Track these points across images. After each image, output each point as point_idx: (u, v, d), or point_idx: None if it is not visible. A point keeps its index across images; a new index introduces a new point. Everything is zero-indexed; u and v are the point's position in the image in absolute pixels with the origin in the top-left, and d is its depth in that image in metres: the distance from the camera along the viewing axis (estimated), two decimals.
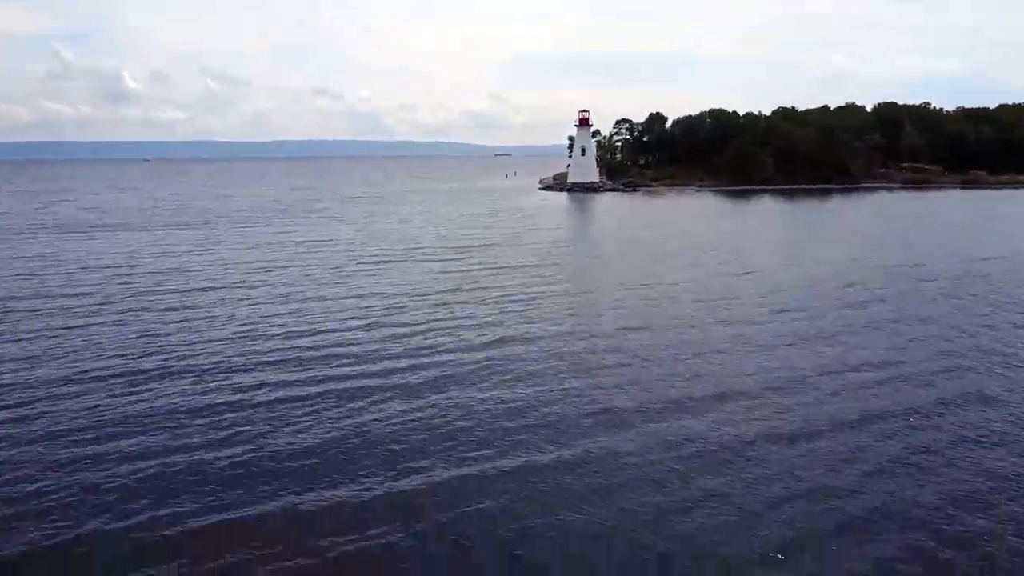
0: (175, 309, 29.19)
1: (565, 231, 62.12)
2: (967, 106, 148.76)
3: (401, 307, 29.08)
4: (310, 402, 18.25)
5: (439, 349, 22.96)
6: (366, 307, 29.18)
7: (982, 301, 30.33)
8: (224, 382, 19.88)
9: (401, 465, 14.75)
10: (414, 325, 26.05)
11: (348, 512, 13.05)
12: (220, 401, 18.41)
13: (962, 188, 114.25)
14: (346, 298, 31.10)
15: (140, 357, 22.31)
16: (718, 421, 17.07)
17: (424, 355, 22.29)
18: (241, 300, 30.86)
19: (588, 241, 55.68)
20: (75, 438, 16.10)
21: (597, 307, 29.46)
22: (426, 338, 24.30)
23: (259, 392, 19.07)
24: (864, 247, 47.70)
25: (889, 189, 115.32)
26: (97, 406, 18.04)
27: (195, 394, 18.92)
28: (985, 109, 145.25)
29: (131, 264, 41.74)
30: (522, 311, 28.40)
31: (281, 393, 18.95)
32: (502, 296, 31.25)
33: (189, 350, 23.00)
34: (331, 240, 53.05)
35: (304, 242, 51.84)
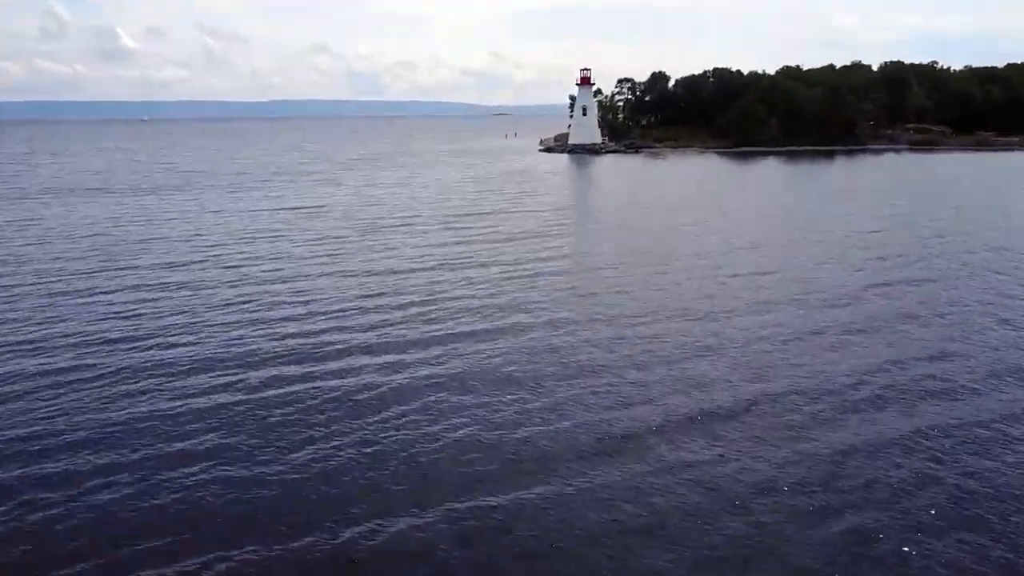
0: (150, 287, 27.25)
1: (566, 196, 59.92)
2: (975, 65, 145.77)
3: (390, 289, 26.91)
4: (278, 413, 16.07)
5: (425, 342, 20.59)
6: (355, 287, 27.13)
7: (1017, 282, 28.08)
8: (187, 382, 17.85)
9: (354, 509, 12.25)
10: (402, 310, 23.96)
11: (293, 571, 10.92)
12: (178, 410, 16.23)
13: (973, 150, 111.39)
14: (335, 275, 29.08)
15: (103, 346, 20.38)
16: (741, 440, 14.71)
17: (409, 351, 19.93)
18: (224, 277, 28.80)
19: (590, 208, 53.45)
20: (10, 452, 14.29)
21: (599, 289, 27.06)
22: (412, 327, 22.12)
23: (224, 395, 17.03)
24: (880, 216, 45.52)
25: (896, 151, 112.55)
26: (46, 411, 16.12)
27: (153, 397, 16.92)
28: (993, 68, 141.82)
29: (111, 232, 39.79)
30: (517, 294, 26.07)
31: (243, 397, 16.88)
32: (497, 275, 29.06)
33: (157, 340, 20.99)
34: (324, 207, 50.90)
35: (296, 208, 49.75)
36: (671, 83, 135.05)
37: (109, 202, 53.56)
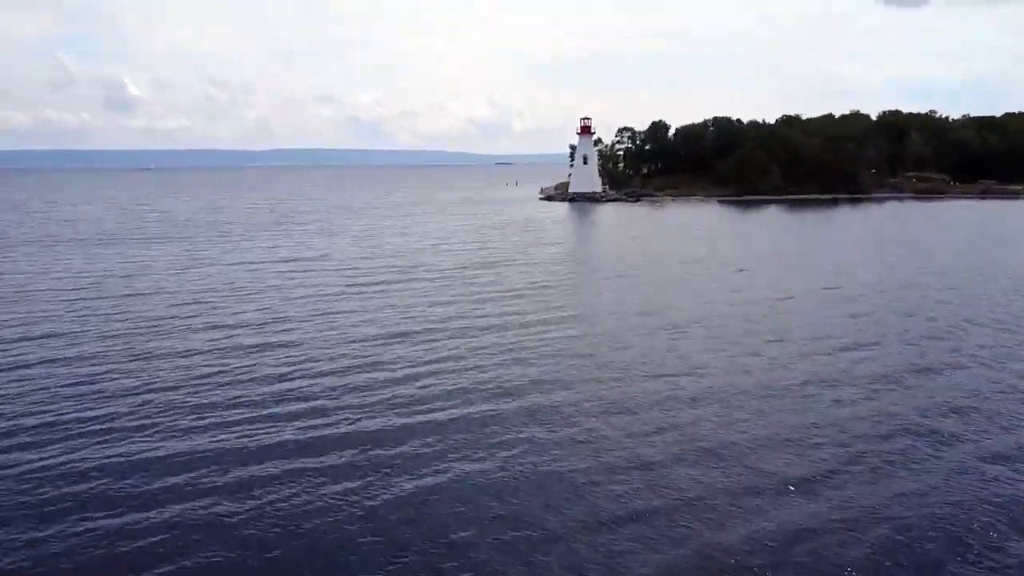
0: (125, 356, 24.77)
1: (569, 247, 58.76)
2: (973, 114, 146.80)
3: (378, 360, 24.31)
4: (237, 525, 13.96)
5: (404, 434, 17.94)
6: (345, 357, 24.83)
7: None
8: (141, 486, 15.66)
9: None
10: (387, 388, 21.42)
11: None
12: (130, 524, 14.51)
13: (978, 198, 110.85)
14: (324, 342, 26.86)
15: (60, 431, 18.19)
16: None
17: (385, 447, 17.23)
18: (209, 340, 26.92)
19: (594, 261, 52.02)
20: None
21: (602, 364, 24.10)
22: (396, 412, 19.53)
23: (175, 506, 14.57)
24: (897, 267, 44.19)
25: (899, 199, 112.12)
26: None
27: (101, 504, 15.14)
28: (991, 117, 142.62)
29: (95, 286, 38.32)
30: (511, 369, 23.22)
31: (201, 504, 14.81)
32: (494, 342, 26.63)
33: (125, 418, 19.08)
34: (322, 258, 49.77)
35: (293, 260, 48.54)
36: (671, 132, 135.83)
37: (98, 253, 52.13)
